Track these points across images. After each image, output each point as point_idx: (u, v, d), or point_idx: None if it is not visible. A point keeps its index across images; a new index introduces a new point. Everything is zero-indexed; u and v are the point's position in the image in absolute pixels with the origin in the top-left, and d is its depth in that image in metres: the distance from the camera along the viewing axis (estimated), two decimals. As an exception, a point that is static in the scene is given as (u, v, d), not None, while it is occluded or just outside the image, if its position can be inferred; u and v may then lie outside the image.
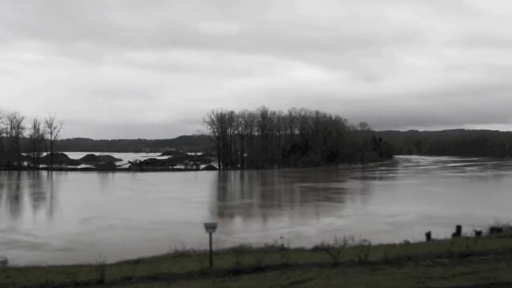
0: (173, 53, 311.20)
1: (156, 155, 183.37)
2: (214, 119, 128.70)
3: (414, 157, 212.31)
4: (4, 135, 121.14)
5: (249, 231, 31.15)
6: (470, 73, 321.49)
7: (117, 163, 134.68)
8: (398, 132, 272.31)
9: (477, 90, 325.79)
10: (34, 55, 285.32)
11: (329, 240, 15.73)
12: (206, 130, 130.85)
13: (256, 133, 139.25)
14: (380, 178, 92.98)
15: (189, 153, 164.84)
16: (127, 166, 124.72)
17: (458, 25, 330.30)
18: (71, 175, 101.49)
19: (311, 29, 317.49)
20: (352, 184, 75.86)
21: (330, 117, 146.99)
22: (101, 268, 11.12)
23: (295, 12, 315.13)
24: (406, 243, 18.34)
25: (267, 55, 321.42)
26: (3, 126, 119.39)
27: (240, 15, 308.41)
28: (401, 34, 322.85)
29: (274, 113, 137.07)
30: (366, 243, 12.81)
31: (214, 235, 12.97)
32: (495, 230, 21.81)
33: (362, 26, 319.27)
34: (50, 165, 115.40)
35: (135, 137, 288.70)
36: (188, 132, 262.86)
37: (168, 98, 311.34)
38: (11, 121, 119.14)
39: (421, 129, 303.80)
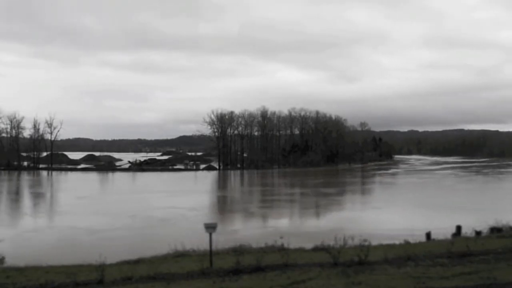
0: (146, 55, 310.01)
1: (156, 155, 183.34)
2: (214, 119, 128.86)
3: (413, 157, 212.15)
4: (4, 135, 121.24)
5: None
6: (448, 73, 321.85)
7: (117, 163, 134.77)
8: (398, 132, 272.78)
9: (464, 90, 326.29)
10: (10, 56, 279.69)
11: (329, 240, 15.74)
12: (206, 130, 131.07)
13: (256, 133, 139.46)
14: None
15: (189, 153, 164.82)
16: (127, 166, 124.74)
17: (420, 26, 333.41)
18: (71, 175, 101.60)
19: (275, 31, 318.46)
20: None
21: (330, 117, 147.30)
22: (101, 268, 11.14)
23: (251, 15, 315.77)
24: (406, 243, 18.33)
25: (243, 56, 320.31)
26: (3, 126, 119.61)
27: (200, 17, 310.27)
28: (366, 35, 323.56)
29: (274, 113, 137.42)
30: (366, 243, 12.81)
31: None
32: (495, 230, 21.80)
33: (326, 28, 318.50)
34: (50, 165, 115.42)
35: (135, 137, 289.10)
36: (185, 132, 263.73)
37: (155, 99, 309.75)
38: (11, 121, 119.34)
39: (421, 129, 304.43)
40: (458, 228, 23.23)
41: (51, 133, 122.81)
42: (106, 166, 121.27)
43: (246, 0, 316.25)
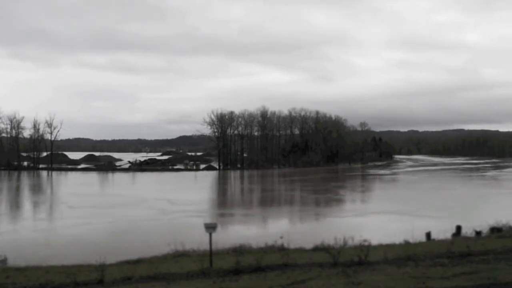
0: (122, 56, 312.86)
1: (156, 155, 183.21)
2: (214, 119, 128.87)
3: (413, 157, 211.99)
4: (4, 135, 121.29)
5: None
6: (426, 73, 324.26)
7: (117, 163, 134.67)
8: (398, 132, 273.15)
9: (444, 91, 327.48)
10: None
11: (329, 240, 15.74)
12: (206, 130, 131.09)
13: (256, 133, 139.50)
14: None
15: (189, 153, 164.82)
16: (127, 166, 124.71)
17: (385, 28, 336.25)
18: (71, 175, 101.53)
19: (242, 33, 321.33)
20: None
21: (330, 117, 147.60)
22: (101, 268, 11.13)
23: (212, 18, 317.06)
24: (406, 243, 18.32)
25: (218, 58, 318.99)
26: (3, 126, 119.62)
27: (164, 20, 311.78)
28: (331, 36, 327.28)
29: (274, 113, 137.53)
30: (366, 243, 12.80)
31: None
32: (495, 230, 21.80)
33: (288, 30, 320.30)
34: (50, 165, 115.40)
35: (135, 137, 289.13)
36: (184, 132, 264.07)
37: (143, 100, 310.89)
38: (11, 121, 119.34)
39: (421, 129, 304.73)
40: (458, 228, 23.24)
41: (51, 133, 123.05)
42: (106, 166, 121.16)
43: (203, 3, 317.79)
